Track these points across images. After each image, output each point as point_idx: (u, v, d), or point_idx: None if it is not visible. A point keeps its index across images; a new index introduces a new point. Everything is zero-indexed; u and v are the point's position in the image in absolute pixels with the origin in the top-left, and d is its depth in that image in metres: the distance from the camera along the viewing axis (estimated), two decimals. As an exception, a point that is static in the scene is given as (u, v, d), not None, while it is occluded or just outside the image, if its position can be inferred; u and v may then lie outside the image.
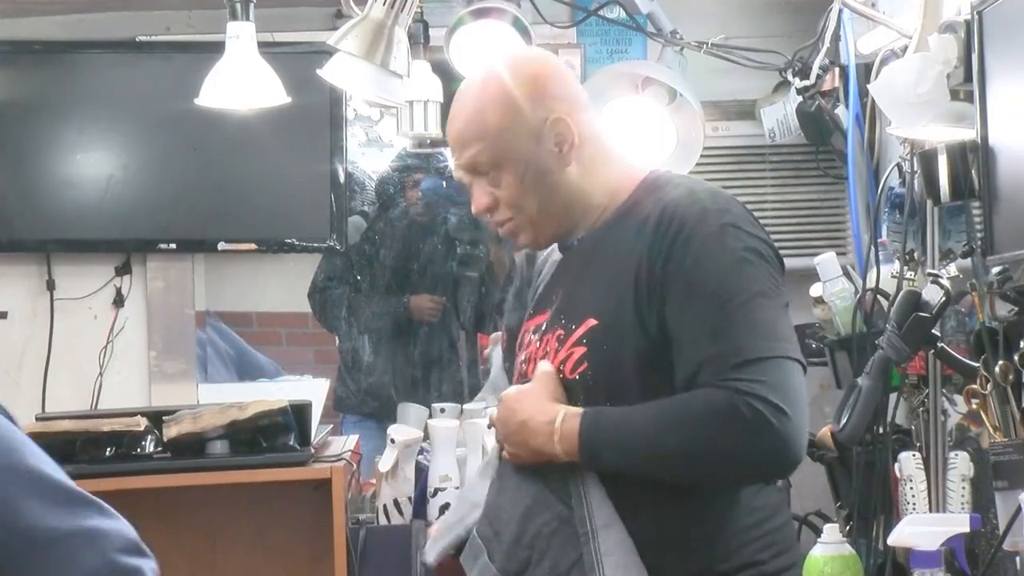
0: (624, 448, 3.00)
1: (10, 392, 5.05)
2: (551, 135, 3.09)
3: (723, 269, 2.96)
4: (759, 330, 2.93)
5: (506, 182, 3.11)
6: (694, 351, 2.93)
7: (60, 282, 5.26)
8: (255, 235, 5.29)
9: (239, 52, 4.12)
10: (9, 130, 5.17)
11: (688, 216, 2.99)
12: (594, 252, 3.13)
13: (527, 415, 3.08)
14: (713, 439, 2.90)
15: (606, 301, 3.04)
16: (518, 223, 3.15)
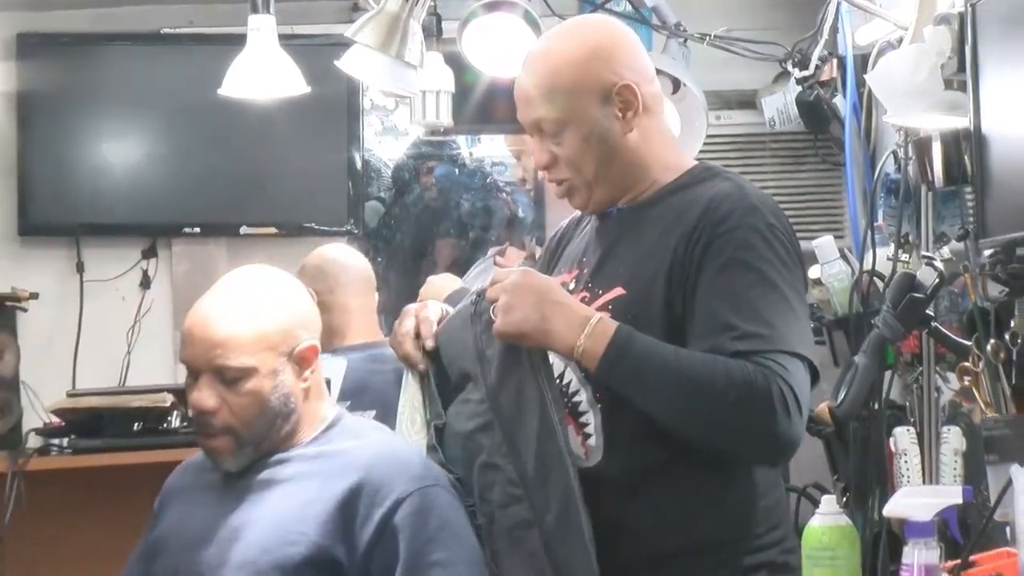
0: (648, 374, 2.93)
1: (42, 369, 5.07)
2: (617, 100, 3.07)
3: (767, 260, 2.94)
4: (794, 327, 2.93)
5: (568, 142, 3.07)
6: (730, 322, 2.89)
7: (89, 265, 5.27)
8: (276, 220, 5.30)
9: (260, 44, 4.12)
10: (39, 119, 5.19)
11: (737, 207, 2.97)
12: (634, 225, 3.11)
13: (564, 300, 2.98)
14: (738, 407, 2.86)
15: (638, 274, 3.03)
16: (574, 183, 3.12)
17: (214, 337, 3.09)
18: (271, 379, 3.08)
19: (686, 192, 3.07)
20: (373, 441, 3.17)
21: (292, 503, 3.06)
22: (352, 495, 3.02)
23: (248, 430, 3.09)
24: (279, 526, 3.07)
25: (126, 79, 5.23)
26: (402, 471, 3.05)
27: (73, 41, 5.22)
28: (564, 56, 3.10)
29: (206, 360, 3.09)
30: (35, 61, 5.14)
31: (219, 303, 3.16)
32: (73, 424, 4.70)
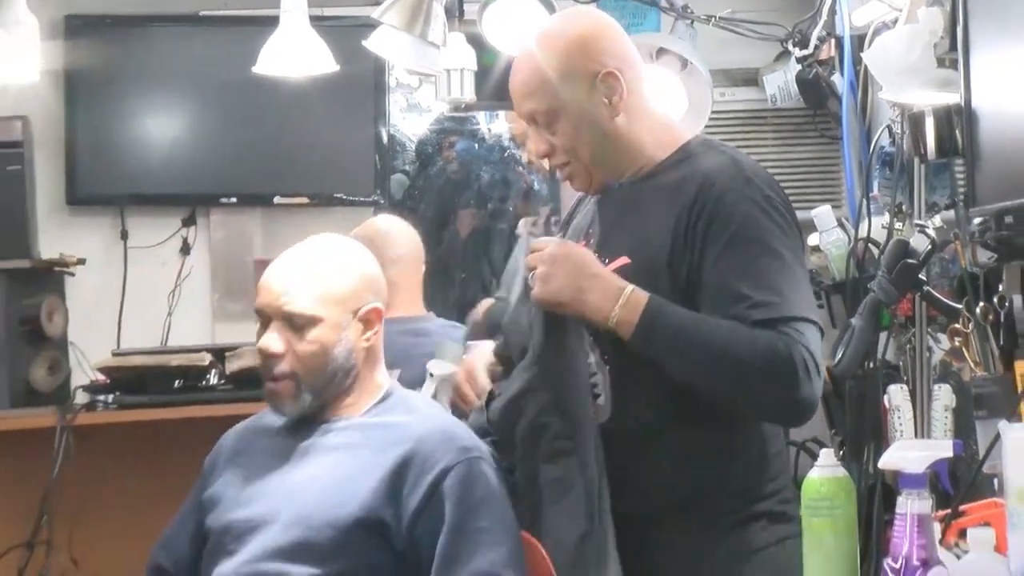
0: (679, 342, 2.95)
1: (89, 331, 5.08)
2: (602, 88, 3.08)
3: (768, 231, 2.96)
4: (802, 292, 2.95)
5: (562, 130, 3.10)
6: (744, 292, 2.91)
7: (132, 232, 5.28)
8: (307, 191, 5.31)
9: (292, 24, 4.12)
10: (85, 95, 5.19)
11: (735, 182, 2.98)
12: (635, 199, 3.12)
13: (600, 272, 3.00)
14: (763, 373, 2.88)
15: (641, 244, 3.04)
16: (574, 168, 3.15)
17: (287, 286, 3.14)
18: (335, 332, 3.13)
19: (682, 166, 3.09)
20: (424, 416, 3.21)
21: (346, 468, 3.09)
22: (403, 464, 3.05)
23: (310, 377, 3.13)
24: (333, 488, 3.09)
25: (167, 58, 5.23)
26: (450, 443, 3.08)
27: (117, 22, 5.22)
28: (549, 51, 3.13)
29: (277, 307, 3.13)
30: (82, 41, 5.14)
31: (295, 258, 3.22)
32: (118, 381, 4.70)
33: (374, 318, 3.20)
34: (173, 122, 5.25)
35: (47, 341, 4.82)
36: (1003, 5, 2.79)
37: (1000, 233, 2.84)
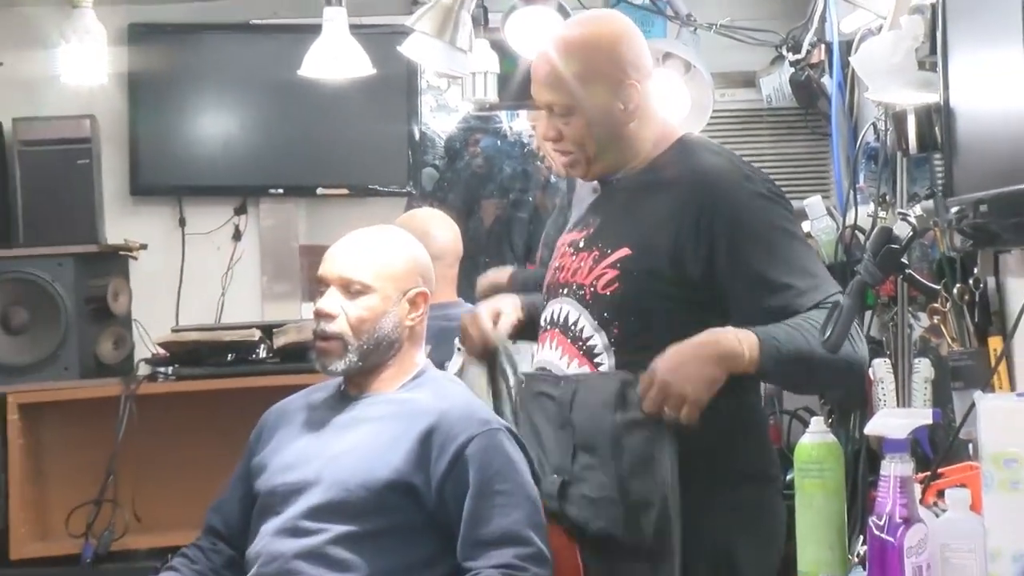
0: (799, 353, 2.89)
1: (150, 309, 5.08)
2: (622, 95, 3.06)
3: (782, 218, 2.99)
4: (823, 268, 3.02)
5: (575, 123, 3.08)
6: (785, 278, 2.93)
7: (189, 220, 5.28)
8: (346, 182, 5.30)
9: (334, 32, 4.12)
10: (147, 96, 5.19)
11: (736, 180, 2.99)
12: (633, 192, 3.11)
13: (693, 350, 2.88)
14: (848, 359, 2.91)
15: (641, 236, 3.02)
16: (576, 157, 3.13)
17: (349, 257, 3.20)
18: (385, 304, 3.17)
19: (677, 163, 3.10)
20: (450, 392, 3.23)
21: (381, 437, 3.11)
22: (429, 434, 3.07)
23: (357, 339, 3.16)
24: (368, 454, 3.10)
25: (220, 62, 5.23)
26: (472, 417, 3.11)
27: (176, 30, 5.22)
28: (578, 50, 3.09)
29: (338, 273, 3.18)
30: (144, 47, 5.14)
31: (360, 238, 3.27)
32: (176, 355, 4.71)
33: (420, 301, 3.24)
34: (226, 120, 5.25)
35: (113, 319, 4.82)
36: (978, 14, 2.77)
37: (975, 221, 2.82)
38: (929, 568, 2.41)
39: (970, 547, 2.40)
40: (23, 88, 4.98)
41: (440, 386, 3.27)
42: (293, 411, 3.35)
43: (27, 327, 4.72)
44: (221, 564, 3.29)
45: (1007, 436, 2.37)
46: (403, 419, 3.12)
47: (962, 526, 2.42)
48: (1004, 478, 2.36)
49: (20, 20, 4.96)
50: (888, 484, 2.45)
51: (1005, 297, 3.04)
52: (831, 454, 2.78)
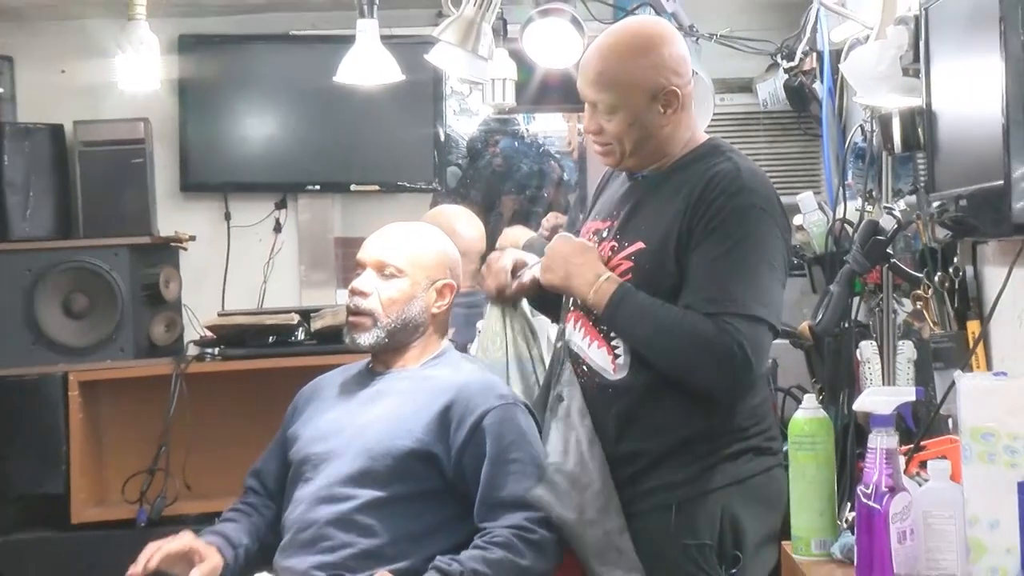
0: (635, 323, 3.00)
1: (198, 295, 5.10)
2: (662, 100, 3.04)
3: (745, 237, 2.95)
4: (758, 294, 2.93)
5: (617, 121, 3.06)
6: (706, 287, 2.92)
7: (234, 214, 5.29)
8: (377, 179, 5.30)
9: (366, 42, 4.11)
10: (195, 101, 5.20)
11: (728, 189, 2.97)
12: (655, 190, 3.11)
13: (584, 260, 3.07)
14: (702, 355, 2.92)
15: (654, 232, 3.03)
16: (612, 149, 3.13)
17: (386, 243, 3.26)
18: (414, 289, 3.22)
19: (694, 166, 3.08)
20: (467, 370, 3.25)
21: (404, 409, 3.13)
22: (449, 407, 3.11)
23: (386, 317, 3.20)
24: (392, 425, 3.11)
25: (262, 70, 5.23)
26: (489, 392, 3.14)
27: (222, 40, 5.22)
28: (625, 57, 3.06)
29: (375, 257, 3.23)
30: (192, 56, 5.14)
31: (398, 229, 3.33)
32: (222, 337, 4.71)
33: (447, 292, 3.27)
34: (268, 122, 5.25)
35: (164, 304, 4.83)
36: (958, 25, 2.76)
37: (955, 214, 2.81)
38: (912, 533, 2.41)
39: (950, 514, 2.40)
40: (83, 94, 4.99)
41: (460, 364, 3.30)
42: (325, 387, 3.38)
43: (87, 312, 4.73)
44: (271, 519, 3.31)
45: (984, 412, 2.36)
46: (425, 393, 3.14)
47: (943, 495, 2.42)
48: (982, 450, 2.36)
49: (80, 32, 4.96)
50: (875, 456, 2.45)
51: (982, 284, 3.02)
52: (822, 428, 2.78)
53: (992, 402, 2.35)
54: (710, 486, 3.03)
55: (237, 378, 4.70)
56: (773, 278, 2.97)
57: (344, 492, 3.09)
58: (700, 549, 3.02)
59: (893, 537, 2.39)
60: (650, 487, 3.05)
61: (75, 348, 4.69)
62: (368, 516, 3.06)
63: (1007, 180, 2.41)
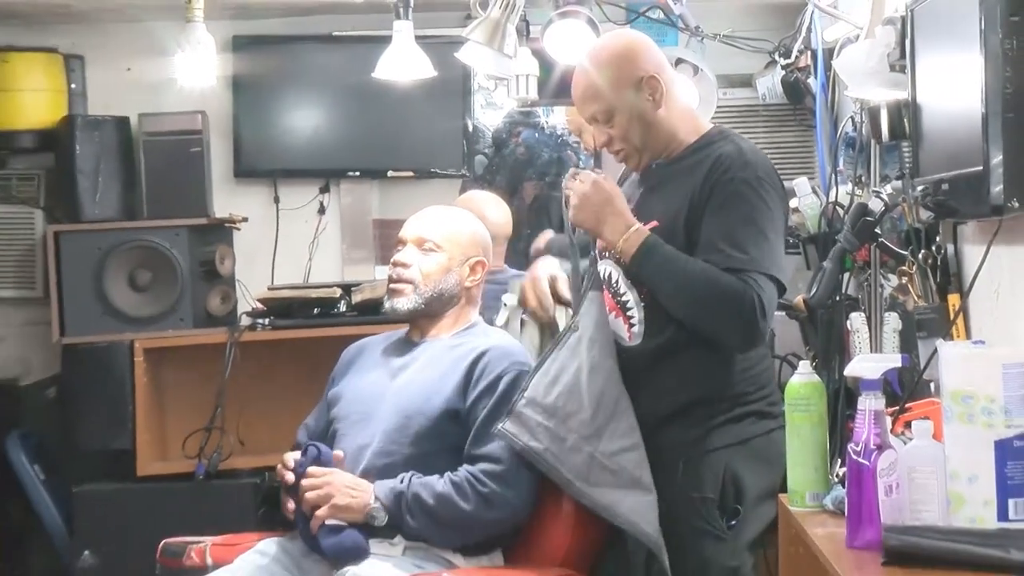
0: (663, 272, 2.97)
1: (250, 271, 5.09)
2: (646, 88, 3.06)
3: (751, 206, 2.97)
4: (771, 255, 2.95)
5: (617, 123, 3.08)
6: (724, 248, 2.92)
7: (283, 198, 5.28)
8: (412, 166, 5.29)
9: (402, 41, 4.12)
10: (247, 95, 5.19)
11: (735, 165, 2.98)
12: (666, 175, 3.12)
13: (615, 208, 3.03)
14: (722, 303, 2.91)
15: (667, 213, 3.04)
16: (627, 151, 3.14)
17: (427, 222, 3.32)
18: (450, 264, 3.28)
19: (701, 151, 3.09)
20: (494, 339, 3.29)
21: (436, 373, 3.17)
22: (474, 365, 3.18)
23: (424, 286, 3.25)
24: (426, 387, 3.14)
25: (308, 67, 5.22)
26: (508, 357, 3.19)
27: (271, 40, 5.21)
28: (601, 65, 3.12)
29: (416, 234, 3.30)
30: (245, 54, 5.14)
31: (437, 209, 3.43)
32: (272, 309, 4.72)
33: (479, 268, 3.32)
34: (312, 115, 5.25)
35: (220, 279, 4.84)
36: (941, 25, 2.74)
37: (937, 198, 2.80)
38: (898, 487, 2.40)
39: (932, 469, 2.39)
40: (147, 89, 4.99)
41: (487, 333, 3.34)
42: (367, 351, 3.42)
43: (150, 286, 4.74)
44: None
45: (964, 377, 2.35)
46: (455, 359, 3.18)
47: (926, 452, 2.41)
48: (961, 412, 2.35)
49: (144, 33, 4.96)
50: (864, 417, 2.44)
51: (962, 261, 3.01)
52: (816, 392, 2.77)
53: (971, 368, 2.35)
54: (714, 445, 3.04)
55: (285, 346, 4.70)
56: (779, 242, 3.00)
57: (381, 448, 3.11)
58: (703, 502, 3.04)
59: (880, 490, 2.38)
60: (659, 445, 3.05)
61: (140, 319, 4.70)
62: (403, 470, 3.07)
63: (985, 166, 2.40)
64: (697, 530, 3.04)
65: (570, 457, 3.00)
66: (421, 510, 3.00)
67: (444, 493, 3.01)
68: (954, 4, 2.60)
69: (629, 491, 2.99)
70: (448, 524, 3.01)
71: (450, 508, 3.00)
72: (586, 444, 3.00)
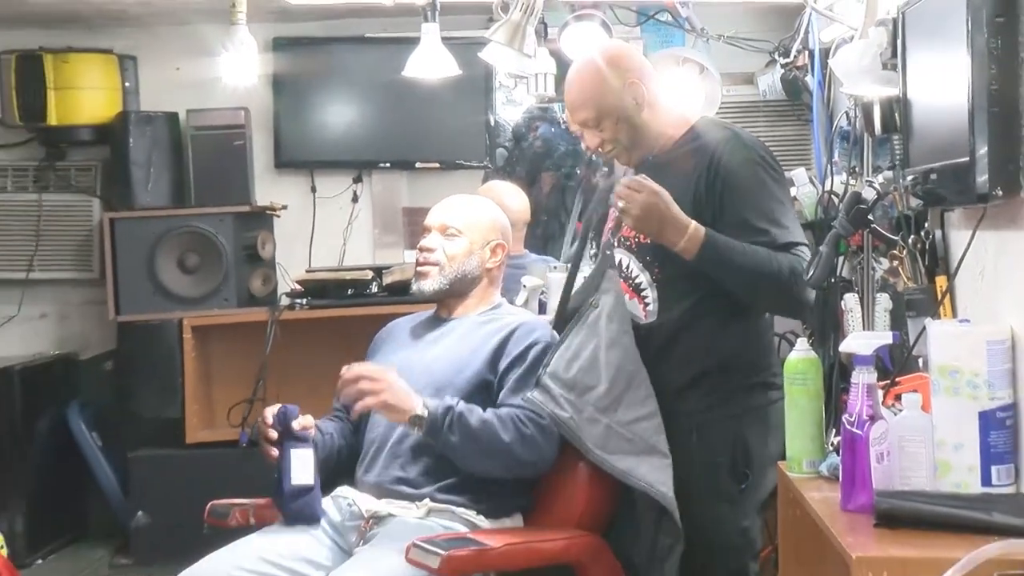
0: (728, 263, 2.96)
1: (290, 255, 5.12)
2: (629, 92, 3.07)
3: (770, 181, 3.03)
4: (797, 224, 3.05)
5: (606, 127, 3.10)
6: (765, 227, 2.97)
7: (319, 187, 5.30)
8: (438, 158, 5.30)
9: (429, 42, 4.11)
10: (287, 92, 5.20)
11: (739, 149, 3.02)
12: (663, 166, 3.11)
13: (674, 211, 2.96)
14: (789, 282, 2.96)
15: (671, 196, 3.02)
16: (617, 151, 3.15)
17: (449, 210, 3.31)
18: (471, 247, 3.27)
19: (694, 141, 3.13)
20: (522, 316, 3.29)
21: (465, 347, 3.17)
22: (503, 340, 3.14)
23: (449, 268, 3.25)
24: (455, 362, 3.14)
25: (342, 66, 5.23)
26: (533, 333, 3.16)
27: (309, 42, 5.21)
28: (587, 76, 3.17)
29: (440, 221, 3.29)
30: (285, 54, 5.15)
31: (459, 197, 3.40)
32: (309, 290, 4.73)
33: (499, 251, 3.30)
34: (346, 110, 5.25)
35: (261, 262, 4.85)
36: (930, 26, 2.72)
37: (926, 187, 2.77)
38: (889, 454, 2.40)
39: (921, 438, 2.39)
40: (194, 87, 5.00)
41: (514, 312, 3.34)
42: (398, 330, 3.41)
43: (197, 268, 4.76)
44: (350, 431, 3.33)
45: (950, 353, 2.35)
46: (483, 335, 3.17)
47: (915, 422, 2.40)
48: (948, 385, 2.35)
49: (192, 35, 4.97)
50: (857, 390, 2.43)
51: (949, 246, 2.98)
52: (812, 366, 2.76)
53: (957, 345, 2.35)
54: (726, 413, 3.05)
55: (321, 324, 4.71)
56: (793, 212, 3.08)
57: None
58: (716, 466, 3.05)
59: (872, 458, 2.38)
60: (675, 412, 3.06)
61: (188, 298, 4.72)
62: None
63: (971, 157, 2.38)
64: (710, 492, 3.06)
65: (589, 427, 3.00)
66: (463, 429, 2.97)
67: (489, 420, 3.00)
68: (942, 6, 2.58)
69: (645, 457, 2.99)
70: (483, 449, 2.98)
71: (490, 435, 2.98)
72: (603, 415, 3.00)
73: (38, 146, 5.07)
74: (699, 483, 3.04)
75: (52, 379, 4.76)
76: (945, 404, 2.36)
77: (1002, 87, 2.32)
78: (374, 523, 3.06)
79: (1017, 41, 2.31)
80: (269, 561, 2.95)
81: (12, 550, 4.29)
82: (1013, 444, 2.32)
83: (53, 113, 4.87)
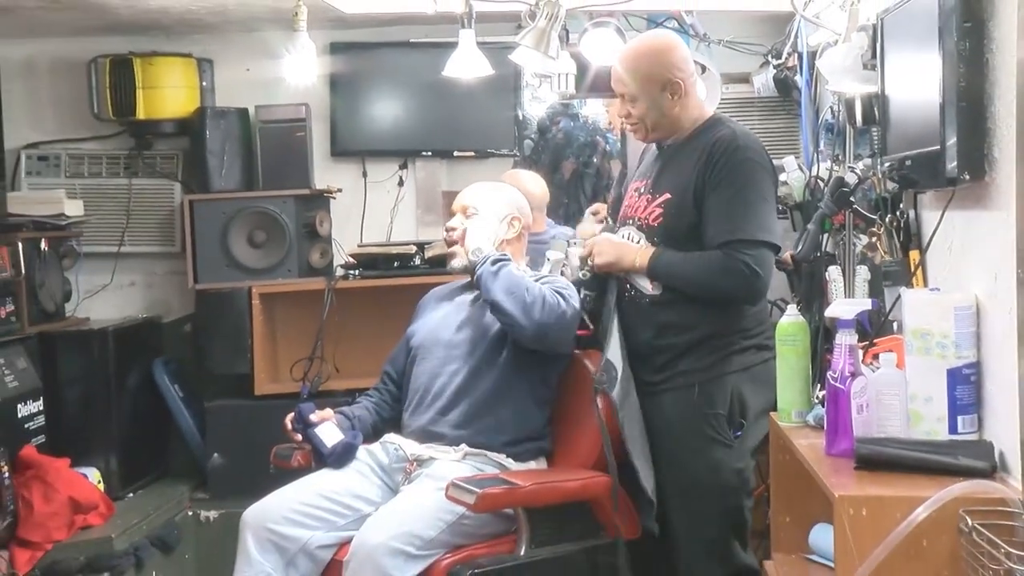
0: (671, 272, 3.05)
1: (344, 231, 5.11)
2: (670, 88, 3.05)
3: (743, 182, 3.00)
4: (760, 223, 2.96)
5: (638, 106, 3.10)
6: (720, 223, 2.97)
7: (369, 173, 5.28)
8: (473, 147, 5.27)
9: (466, 46, 4.09)
10: (342, 89, 5.18)
11: (729, 148, 3.00)
12: (676, 154, 3.11)
13: (623, 247, 3.12)
14: (719, 278, 2.98)
15: (677, 185, 3.04)
16: (638, 127, 3.17)
17: (469, 194, 3.40)
18: (492, 222, 3.27)
19: (703, 135, 3.11)
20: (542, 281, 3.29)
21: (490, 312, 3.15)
22: None
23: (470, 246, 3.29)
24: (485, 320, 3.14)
25: (390, 66, 5.20)
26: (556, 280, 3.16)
27: (361, 46, 5.19)
28: (642, 59, 3.12)
29: (461, 203, 3.38)
30: (340, 57, 5.13)
31: (480, 184, 3.47)
32: (361, 262, 4.73)
33: (515, 223, 3.38)
34: (393, 105, 5.23)
35: (319, 238, 4.85)
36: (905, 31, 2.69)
37: (901, 172, 2.75)
38: (868, 406, 2.39)
39: (896, 392, 2.38)
40: (262, 85, 5.00)
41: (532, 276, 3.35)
42: (437, 297, 3.46)
43: (264, 243, 4.77)
44: (391, 399, 3.35)
45: (922, 318, 2.34)
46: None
47: (891, 378, 2.40)
48: (920, 346, 2.34)
49: (259, 41, 4.96)
50: (840, 350, 2.43)
51: (921, 224, 2.96)
52: (801, 329, 2.76)
53: (928, 310, 2.34)
54: (724, 371, 3.05)
55: (371, 292, 4.72)
56: (769, 209, 2.99)
57: (452, 368, 3.13)
58: (715, 417, 3.05)
59: (853, 409, 2.37)
60: (680, 370, 3.07)
61: (256, 269, 4.73)
62: (469, 382, 3.11)
63: (942, 146, 2.37)
64: (710, 439, 3.06)
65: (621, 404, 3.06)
66: (500, 274, 3.12)
67: (521, 278, 3.15)
68: (917, 13, 2.55)
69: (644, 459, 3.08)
70: (508, 293, 3.09)
71: (517, 288, 3.10)
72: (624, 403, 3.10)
73: (128, 137, 5.09)
74: (700, 431, 3.05)
75: (140, 339, 4.78)
76: (917, 362, 2.35)
77: (969, 84, 2.31)
78: (417, 465, 3.08)
79: (983, 44, 2.30)
80: (326, 497, 2.98)
81: (108, 485, 4.35)
82: (976, 397, 2.31)
83: (141, 109, 4.88)
